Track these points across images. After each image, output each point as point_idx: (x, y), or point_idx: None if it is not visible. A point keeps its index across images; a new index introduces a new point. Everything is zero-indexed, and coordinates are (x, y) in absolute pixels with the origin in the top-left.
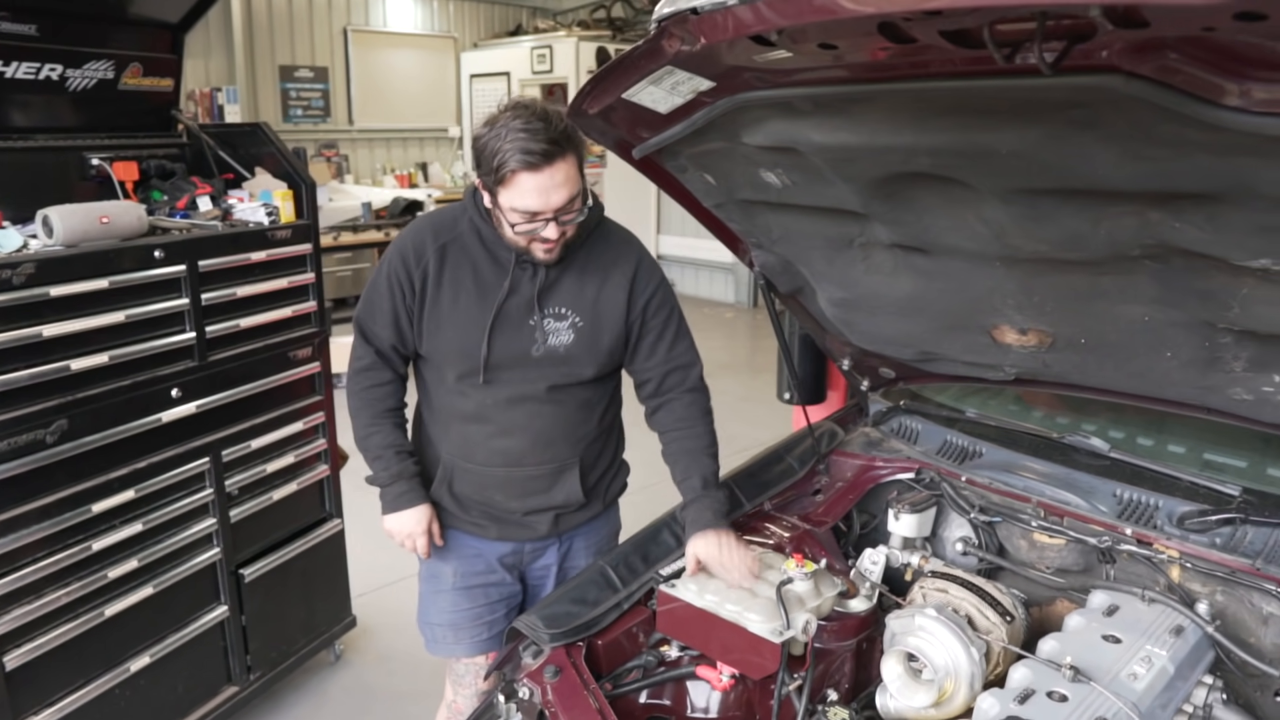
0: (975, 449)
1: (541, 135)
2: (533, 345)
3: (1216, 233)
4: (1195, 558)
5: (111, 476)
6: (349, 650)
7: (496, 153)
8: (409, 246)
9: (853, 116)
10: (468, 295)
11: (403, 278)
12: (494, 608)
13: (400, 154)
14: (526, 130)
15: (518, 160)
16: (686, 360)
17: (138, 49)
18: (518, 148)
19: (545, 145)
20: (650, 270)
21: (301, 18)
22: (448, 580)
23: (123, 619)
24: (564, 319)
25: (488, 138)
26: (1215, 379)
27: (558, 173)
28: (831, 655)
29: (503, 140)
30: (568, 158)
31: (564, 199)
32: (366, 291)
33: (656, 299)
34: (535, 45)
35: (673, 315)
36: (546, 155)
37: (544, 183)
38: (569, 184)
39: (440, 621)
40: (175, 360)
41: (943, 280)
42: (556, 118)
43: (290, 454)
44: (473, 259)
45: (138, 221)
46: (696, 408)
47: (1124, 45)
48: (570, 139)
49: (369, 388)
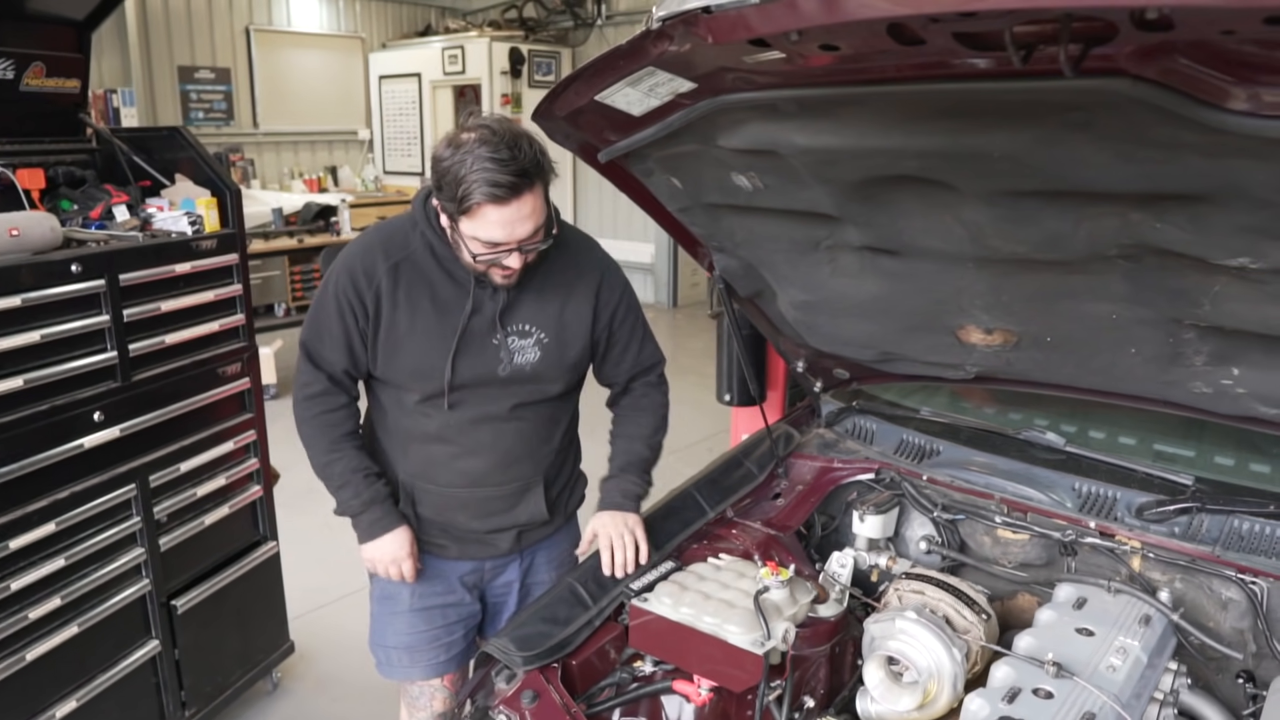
0: (933, 447)
1: (510, 166)
2: (498, 365)
3: (1198, 233)
4: (1158, 547)
5: (30, 509)
6: (287, 677)
7: (461, 181)
8: (358, 267)
9: (839, 119)
10: (425, 317)
11: (353, 300)
12: (452, 629)
13: (309, 158)
14: (494, 160)
15: (484, 193)
16: (652, 361)
17: (40, 47)
18: (485, 179)
19: (513, 178)
20: (614, 279)
21: (200, 16)
22: (404, 601)
23: (46, 662)
24: (529, 336)
25: (451, 162)
26: (1176, 374)
27: (525, 205)
28: (807, 661)
29: (468, 168)
30: (536, 188)
31: (529, 230)
32: (312, 314)
33: (622, 308)
34: (446, 46)
35: (638, 321)
36: (514, 188)
37: (510, 215)
38: (535, 215)
39: (396, 644)
40: (96, 381)
41: (910, 282)
42: (526, 144)
43: (221, 476)
44: (428, 278)
45: (51, 233)
46: (647, 399)
47: (1135, 48)
48: (539, 167)
49: (322, 413)
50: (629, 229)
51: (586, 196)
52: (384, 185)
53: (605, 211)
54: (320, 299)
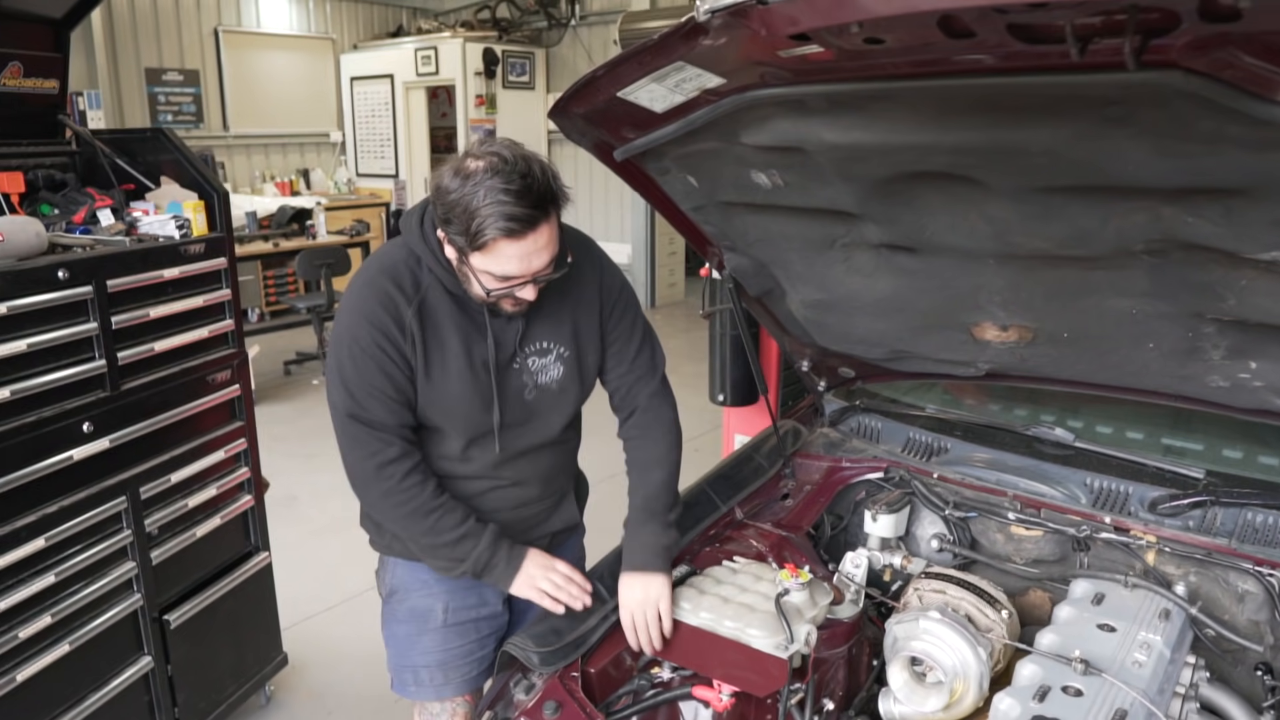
0: (940, 445)
1: (526, 198)
2: (524, 390)
3: (1231, 227)
4: (1174, 541)
5: (19, 525)
6: (280, 690)
7: (473, 215)
8: (384, 318)
9: (870, 114)
10: (455, 359)
11: (393, 352)
12: (485, 642)
13: (280, 160)
14: (508, 192)
15: (499, 228)
16: (654, 364)
17: (16, 46)
18: (500, 213)
19: (530, 210)
20: (612, 273)
21: (168, 17)
22: (438, 617)
23: (37, 682)
24: (548, 353)
25: (460, 194)
26: (1194, 368)
27: (541, 236)
28: (826, 664)
29: (480, 201)
30: (551, 218)
31: (545, 261)
32: (343, 382)
33: (621, 302)
34: (419, 46)
35: (637, 318)
36: (531, 221)
37: (527, 249)
38: (551, 245)
39: (427, 662)
40: (85, 391)
41: (927, 279)
42: (539, 171)
43: (212, 486)
44: (449, 314)
45: (36, 238)
46: (652, 414)
47: (1190, 41)
48: (553, 196)
49: (406, 475)
50: (605, 229)
51: None
52: (357, 188)
53: (580, 212)
54: (350, 365)
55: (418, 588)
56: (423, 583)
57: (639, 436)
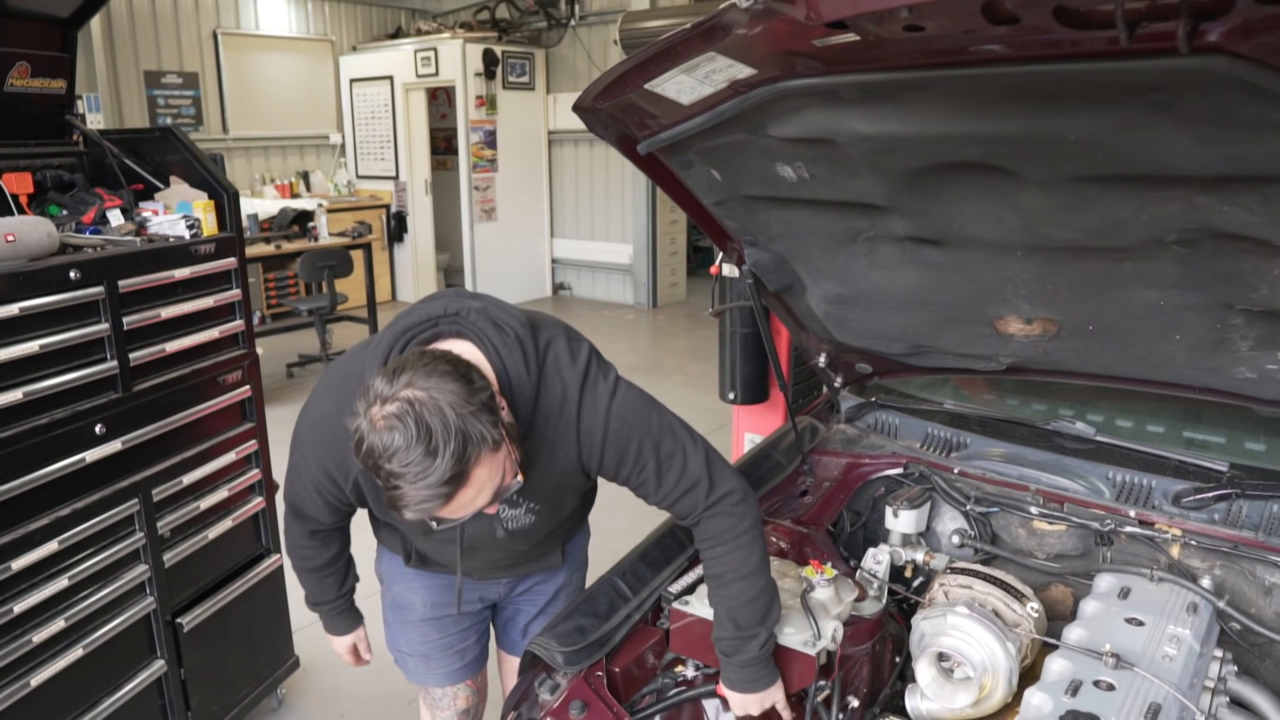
0: (959, 440)
1: (433, 479)
2: (494, 532)
3: (1270, 214)
4: (1199, 534)
5: (32, 528)
6: (291, 693)
7: (386, 488)
8: (329, 463)
9: (904, 104)
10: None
11: (331, 489)
12: (465, 635)
13: (280, 162)
14: (412, 473)
15: (415, 513)
16: (684, 486)
17: (24, 46)
18: (411, 499)
19: (442, 489)
20: (590, 432)
21: (166, 20)
22: (416, 611)
23: (51, 687)
24: (518, 505)
25: (371, 460)
26: (1220, 360)
27: (465, 495)
28: (851, 660)
29: (388, 480)
30: (472, 475)
31: (488, 499)
32: (291, 474)
33: (610, 456)
34: (419, 48)
35: (641, 454)
36: (446, 496)
37: (455, 508)
38: (487, 488)
39: (410, 651)
40: (97, 393)
41: (952, 273)
42: (443, 435)
43: (224, 488)
44: None
45: (48, 239)
46: (715, 523)
47: (1239, 24)
48: (469, 453)
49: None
50: (606, 230)
51: (563, 198)
52: (357, 190)
53: (582, 213)
54: (296, 467)
55: (400, 580)
56: (404, 575)
57: (706, 549)
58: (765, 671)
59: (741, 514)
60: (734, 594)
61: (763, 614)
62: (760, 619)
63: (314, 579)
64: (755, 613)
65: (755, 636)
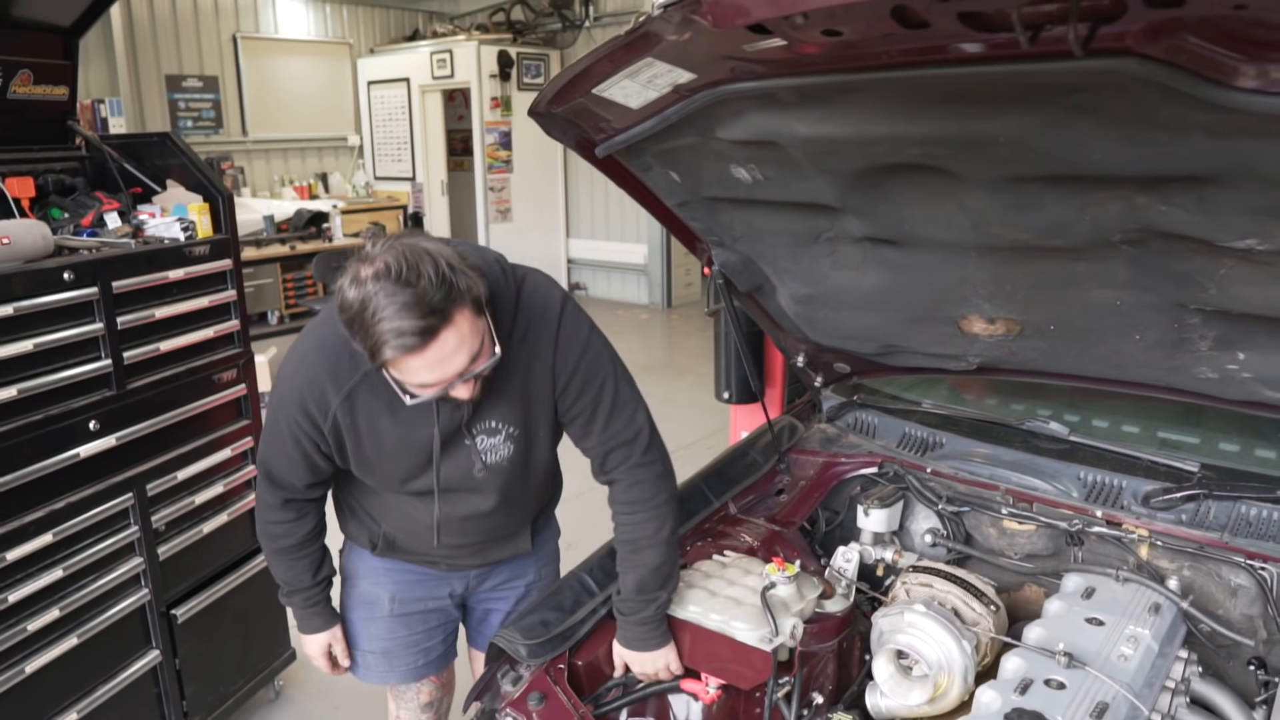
0: (935, 439)
1: (416, 309)
2: (473, 468)
3: (1205, 215)
4: (1165, 535)
5: (27, 520)
6: (288, 685)
7: (368, 332)
8: (308, 399)
9: (840, 107)
10: (393, 444)
11: (310, 431)
12: (431, 634)
13: (299, 165)
14: (396, 303)
15: (394, 347)
16: (627, 435)
17: (27, 54)
18: (390, 330)
19: (422, 321)
20: (569, 345)
21: (187, 24)
22: (384, 607)
23: (46, 674)
24: (497, 433)
25: (354, 309)
26: (1181, 359)
27: (446, 343)
28: (814, 657)
29: (370, 317)
30: (454, 320)
31: (463, 363)
32: (267, 433)
33: (580, 375)
34: (435, 50)
35: (603, 389)
36: (427, 332)
37: (433, 358)
38: (464, 346)
39: (372, 649)
40: (91, 390)
41: (912, 272)
42: (433, 273)
43: (219, 483)
44: (386, 396)
45: (42, 241)
46: (639, 488)
47: (1143, 27)
48: (453, 295)
49: (271, 524)
50: (621, 230)
51: (578, 198)
52: (375, 191)
53: (597, 213)
54: (273, 421)
55: (367, 575)
56: (372, 570)
57: (624, 514)
58: (658, 632)
59: (662, 485)
60: (644, 560)
61: (664, 579)
62: (662, 584)
63: (287, 562)
64: (659, 578)
65: (655, 600)
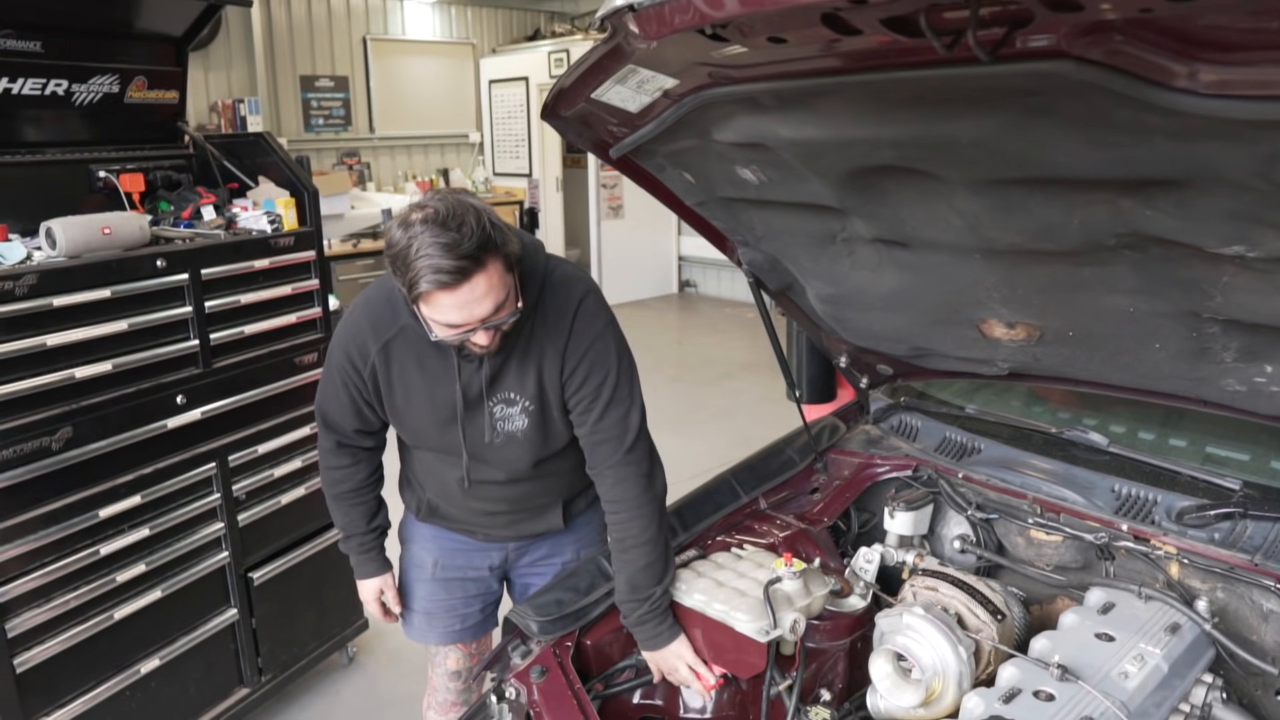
0: (974, 445)
1: (454, 250)
2: (491, 434)
3: (1188, 220)
4: (1193, 554)
5: (118, 482)
6: (361, 652)
7: (409, 266)
8: (351, 346)
9: (815, 110)
10: (418, 394)
11: (353, 375)
12: (470, 601)
13: (421, 160)
14: (439, 244)
15: (430, 280)
16: (618, 431)
17: (142, 63)
18: (429, 265)
19: (458, 261)
20: (581, 334)
21: (321, 28)
22: (428, 569)
23: (132, 622)
24: (514, 404)
25: (400, 246)
26: (1206, 370)
27: (477, 286)
28: (824, 655)
29: (414, 254)
30: (487, 268)
31: (488, 309)
32: (323, 380)
33: (587, 360)
34: (553, 50)
35: (605, 382)
36: (463, 272)
37: (462, 298)
38: (492, 293)
39: (416, 608)
40: (180, 368)
41: (926, 274)
42: (474, 221)
43: (298, 459)
44: (417, 352)
45: (139, 232)
46: (622, 487)
47: (1070, 29)
48: (490, 244)
49: (330, 469)
50: None
51: None
52: (494, 186)
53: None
54: (327, 368)
55: (417, 539)
56: (420, 535)
57: (610, 513)
58: (664, 627)
59: (646, 486)
60: (632, 559)
61: (658, 576)
62: (656, 580)
63: (344, 508)
64: (651, 576)
65: (649, 597)
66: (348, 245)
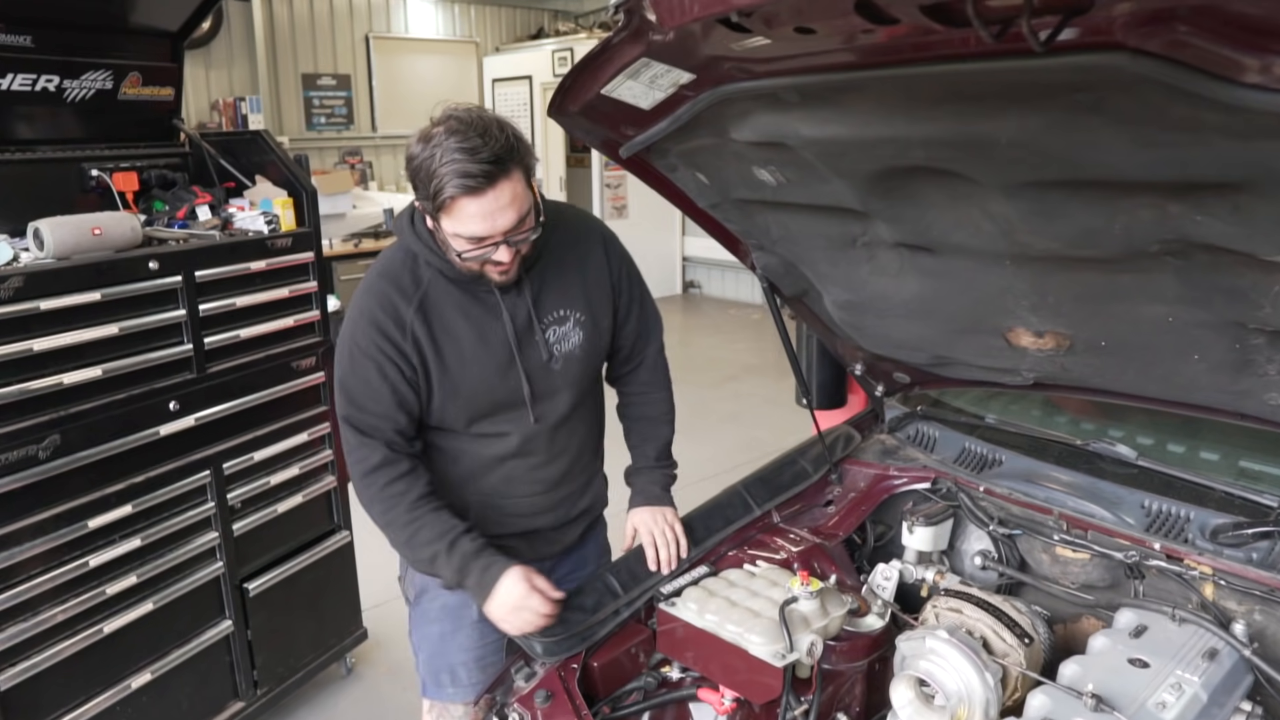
0: (995, 457)
1: (481, 154)
2: (549, 360)
3: (1242, 226)
4: (1229, 574)
5: (109, 491)
6: (360, 663)
7: (433, 176)
8: (384, 318)
9: (841, 107)
10: (471, 345)
11: (393, 354)
12: (498, 647)
13: None
14: (463, 149)
15: (456, 185)
16: (654, 322)
17: (136, 58)
18: (455, 170)
19: (485, 165)
20: (615, 245)
21: (323, 25)
22: (473, 613)
23: (123, 635)
24: (566, 320)
25: (422, 157)
26: (1248, 383)
27: (503, 194)
28: (841, 677)
29: (438, 162)
30: (512, 175)
31: (512, 220)
32: (344, 385)
33: (627, 268)
34: (556, 48)
35: (641, 283)
36: (488, 176)
37: (488, 206)
38: (516, 203)
39: (465, 659)
40: (173, 373)
41: (951, 281)
42: (497, 130)
43: (295, 466)
44: (454, 303)
45: (131, 232)
46: (659, 372)
47: (1128, 18)
48: (514, 153)
49: (387, 484)
50: None
51: None
52: None
53: None
54: (348, 367)
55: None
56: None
57: (644, 392)
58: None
59: (668, 375)
60: (661, 433)
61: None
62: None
63: (425, 517)
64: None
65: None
66: (349, 245)
